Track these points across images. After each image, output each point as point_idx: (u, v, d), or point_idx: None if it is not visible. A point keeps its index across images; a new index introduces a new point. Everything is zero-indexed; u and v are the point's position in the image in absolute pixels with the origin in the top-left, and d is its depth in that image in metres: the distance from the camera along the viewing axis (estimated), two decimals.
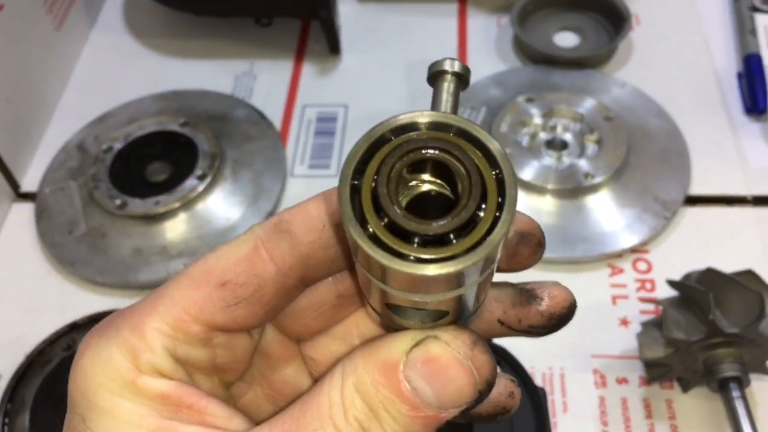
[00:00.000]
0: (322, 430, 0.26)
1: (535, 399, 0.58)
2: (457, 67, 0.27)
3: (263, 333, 0.33)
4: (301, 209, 0.29)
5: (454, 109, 0.27)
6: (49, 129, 0.86)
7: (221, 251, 0.30)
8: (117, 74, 0.92)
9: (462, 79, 0.27)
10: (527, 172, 0.74)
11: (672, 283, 0.60)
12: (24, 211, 0.79)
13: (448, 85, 0.27)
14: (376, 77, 0.89)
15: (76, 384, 0.28)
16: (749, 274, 0.59)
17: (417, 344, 0.27)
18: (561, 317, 0.31)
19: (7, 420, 0.59)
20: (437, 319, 0.27)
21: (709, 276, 0.58)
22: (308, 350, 0.34)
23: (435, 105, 0.27)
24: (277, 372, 0.34)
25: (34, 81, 0.84)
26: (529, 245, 0.29)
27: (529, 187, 0.74)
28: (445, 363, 0.26)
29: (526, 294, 0.31)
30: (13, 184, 0.80)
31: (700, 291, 0.57)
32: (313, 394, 0.27)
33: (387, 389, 0.26)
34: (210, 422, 0.28)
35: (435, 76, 0.27)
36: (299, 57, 0.91)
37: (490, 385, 0.27)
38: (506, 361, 0.61)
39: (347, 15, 0.94)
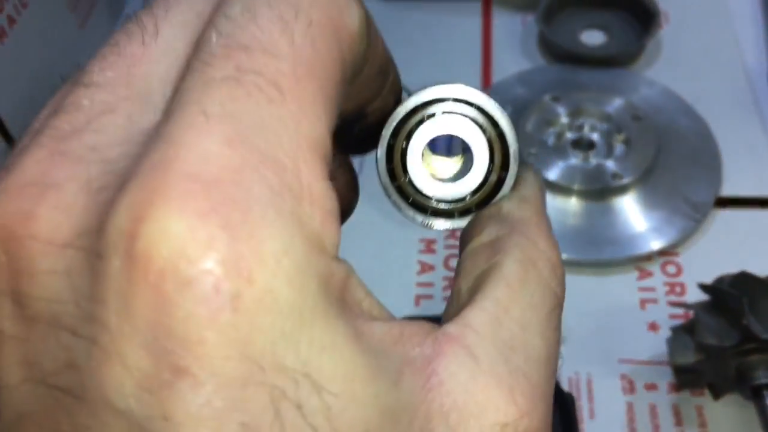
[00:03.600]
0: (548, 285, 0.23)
1: (562, 404, 0.56)
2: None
3: None
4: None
5: None
6: None
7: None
8: None
9: None
10: (553, 173, 0.73)
11: (704, 287, 0.58)
12: None
13: None
14: (401, 76, 0.87)
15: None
16: None
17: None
18: None
19: None
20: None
21: (743, 280, 0.57)
22: None
23: None
24: None
25: (58, 79, 0.84)
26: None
27: (555, 187, 0.72)
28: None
29: None
30: None
31: (733, 295, 0.55)
32: (502, 268, 0.23)
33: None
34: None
35: None
36: None
37: None
38: None
39: (372, 14, 0.93)
